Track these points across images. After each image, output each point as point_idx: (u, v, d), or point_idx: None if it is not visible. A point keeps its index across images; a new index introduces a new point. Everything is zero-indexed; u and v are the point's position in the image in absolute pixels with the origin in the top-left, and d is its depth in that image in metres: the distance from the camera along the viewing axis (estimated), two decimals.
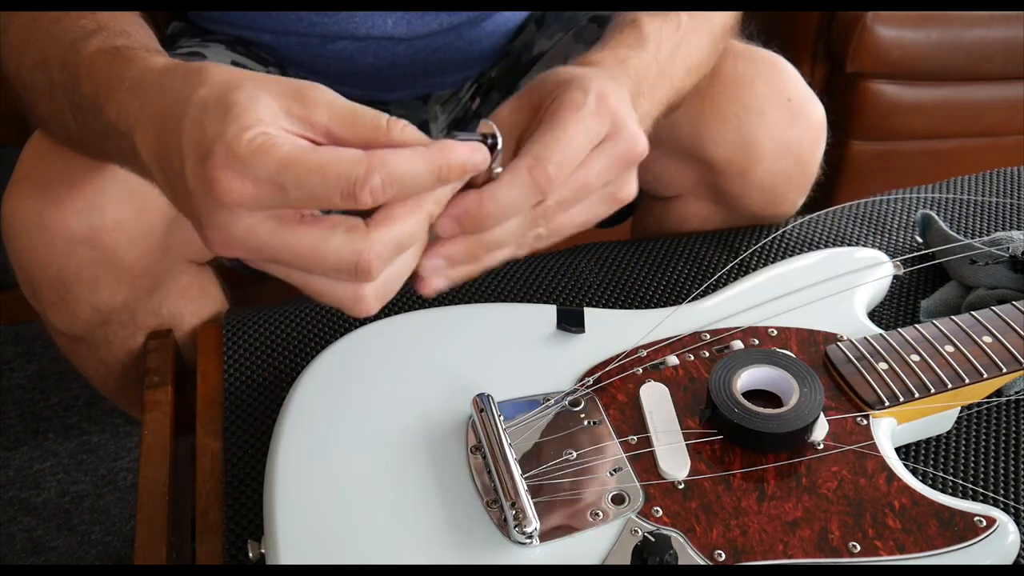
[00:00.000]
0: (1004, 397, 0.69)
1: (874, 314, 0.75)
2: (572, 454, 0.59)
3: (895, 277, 0.75)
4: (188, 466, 0.70)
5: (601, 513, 0.56)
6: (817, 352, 0.65)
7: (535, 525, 0.53)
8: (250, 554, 0.56)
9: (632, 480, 0.57)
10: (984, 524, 0.55)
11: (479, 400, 0.60)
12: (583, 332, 0.67)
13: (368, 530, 0.55)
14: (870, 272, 0.73)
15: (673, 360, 0.65)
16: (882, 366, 0.63)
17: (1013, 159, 1.42)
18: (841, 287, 0.71)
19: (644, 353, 0.65)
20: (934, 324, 0.65)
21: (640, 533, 0.54)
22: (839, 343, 0.65)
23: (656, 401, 0.62)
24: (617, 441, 0.60)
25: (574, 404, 0.62)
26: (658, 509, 0.56)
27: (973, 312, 0.66)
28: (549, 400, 0.62)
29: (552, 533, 0.54)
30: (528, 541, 0.53)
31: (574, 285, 0.82)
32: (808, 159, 0.82)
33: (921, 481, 0.58)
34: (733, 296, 0.71)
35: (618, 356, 0.65)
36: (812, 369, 0.61)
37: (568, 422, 0.61)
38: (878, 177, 1.49)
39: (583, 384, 0.63)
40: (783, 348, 0.65)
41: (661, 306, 0.79)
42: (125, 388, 0.86)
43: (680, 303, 0.70)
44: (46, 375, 1.47)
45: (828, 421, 0.60)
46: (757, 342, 0.66)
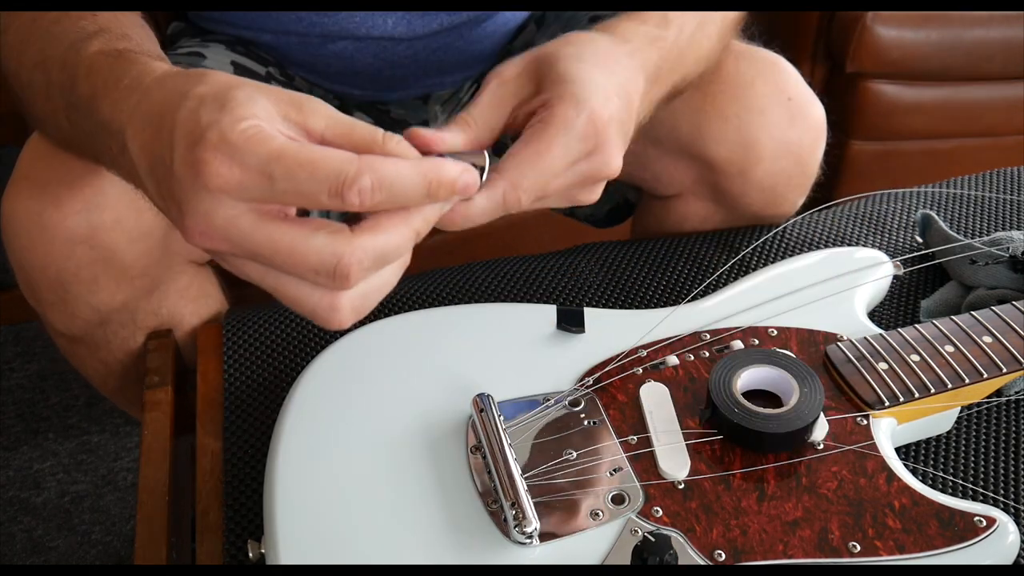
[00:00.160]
0: (1004, 397, 0.69)
1: (874, 314, 0.74)
2: (572, 454, 0.59)
3: (895, 277, 0.75)
4: (188, 466, 0.70)
5: (601, 513, 0.56)
6: (817, 352, 0.65)
7: (535, 525, 0.53)
8: (250, 554, 0.56)
9: (632, 480, 0.57)
10: (984, 524, 0.55)
11: (479, 400, 0.60)
12: (583, 332, 0.67)
13: (368, 530, 0.55)
14: (870, 272, 0.73)
15: (673, 360, 0.65)
16: (882, 366, 0.63)
17: (1013, 159, 1.42)
18: (841, 287, 0.71)
19: (644, 353, 0.65)
20: (934, 324, 0.65)
21: (640, 533, 0.54)
22: (839, 343, 0.65)
23: (656, 401, 0.62)
24: (617, 441, 0.60)
25: (574, 404, 0.62)
26: (658, 509, 0.56)
27: (973, 312, 0.66)
28: (549, 400, 0.62)
29: (552, 533, 0.54)
30: (528, 541, 0.53)
31: (574, 285, 0.82)
32: (808, 159, 0.82)
33: (921, 481, 0.58)
34: (733, 296, 0.71)
35: (618, 356, 0.65)
36: (812, 369, 0.61)
37: (568, 422, 0.61)
38: (878, 177, 1.49)
39: (583, 384, 0.63)
40: (783, 348, 0.65)
41: (661, 306, 0.79)
42: (125, 388, 0.85)
43: (680, 303, 0.70)
44: (46, 375, 1.46)
45: (828, 421, 0.60)
46: (757, 342, 0.66)
